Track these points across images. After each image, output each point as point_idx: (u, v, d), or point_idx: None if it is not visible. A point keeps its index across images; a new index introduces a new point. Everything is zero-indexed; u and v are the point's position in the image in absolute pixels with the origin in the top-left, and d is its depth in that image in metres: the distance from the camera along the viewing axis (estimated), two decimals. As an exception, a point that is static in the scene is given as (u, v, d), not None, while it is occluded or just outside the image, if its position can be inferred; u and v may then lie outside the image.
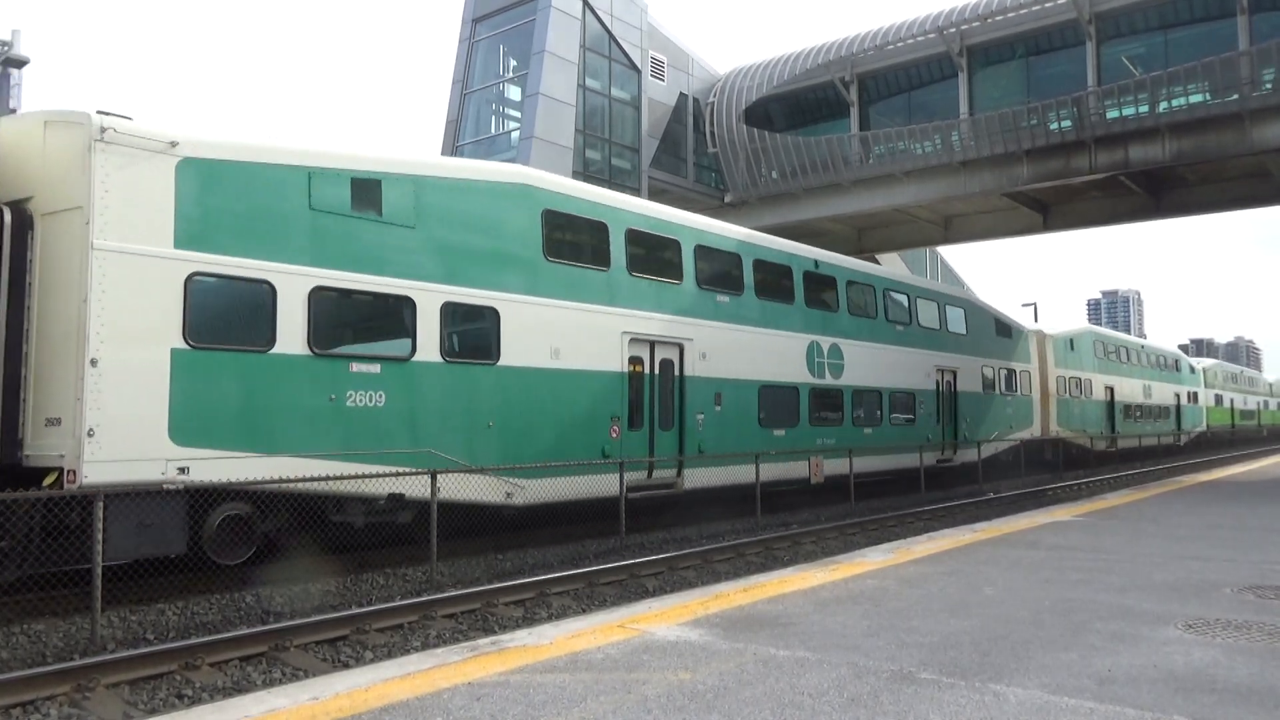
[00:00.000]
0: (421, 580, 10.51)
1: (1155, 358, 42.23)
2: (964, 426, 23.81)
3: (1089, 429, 32.21)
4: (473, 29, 30.05)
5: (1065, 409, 30.46)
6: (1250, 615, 6.26)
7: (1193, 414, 46.92)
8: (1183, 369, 46.22)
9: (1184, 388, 45.76)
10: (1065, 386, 30.80)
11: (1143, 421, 38.40)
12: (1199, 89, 25.11)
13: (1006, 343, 26.79)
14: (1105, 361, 34.83)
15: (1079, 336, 33.02)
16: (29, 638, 7.83)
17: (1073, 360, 31.65)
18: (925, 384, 22.29)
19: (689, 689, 4.58)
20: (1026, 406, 27.77)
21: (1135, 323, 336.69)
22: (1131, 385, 37.50)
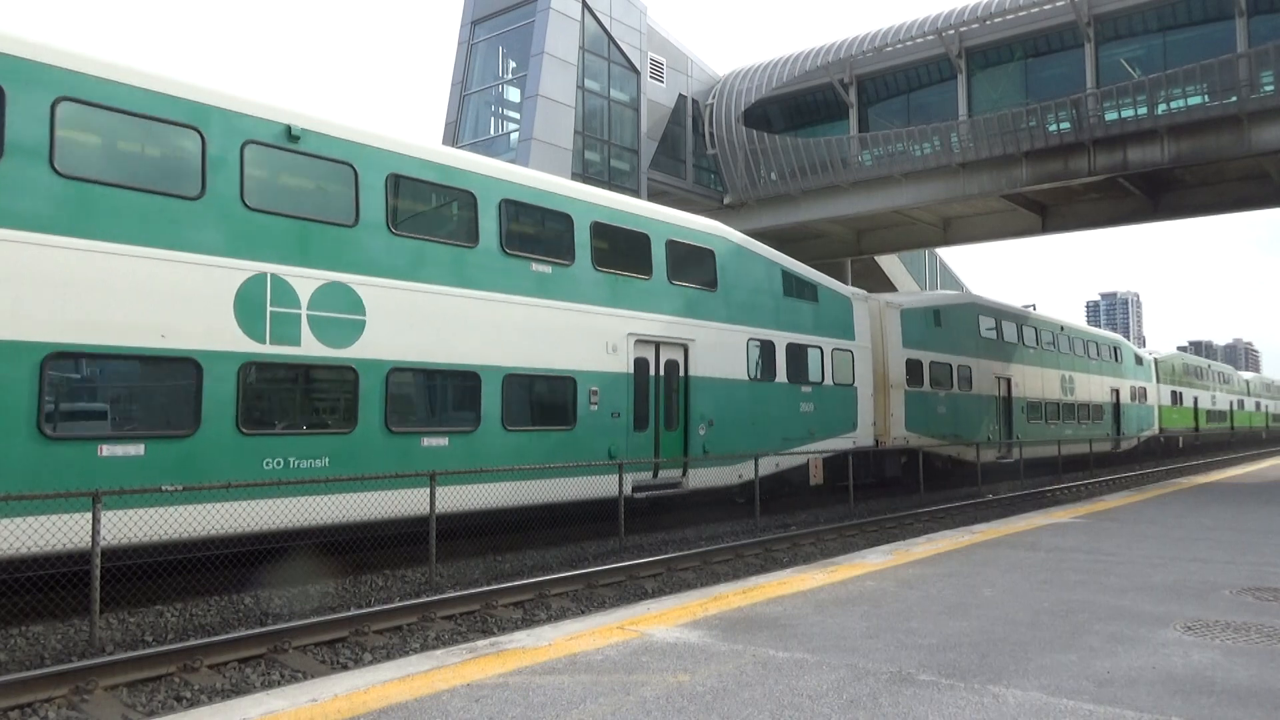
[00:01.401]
0: (420, 582, 10.51)
1: (1082, 343, 33.51)
2: (702, 431, 15.25)
3: (966, 433, 24.28)
4: (472, 31, 30.07)
5: (919, 407, 22.26)
6: (1249, 617, 6.26)
7: (1139, 414, 38.16)
8: (1124, 359, 37.37)
9: (1127, 382, 37.00)
10: (921, 375, 22.66)
11: (1061, 424, 30.39)
12: (1197, 91, 25.14)
13: (807, 309, 18.35)
14: (997, 344, 26.84)
15: (947, 308, 24.62)
16: (27, 640, 7.82)
17: (937, 340, 23.57)
18: (599, 365, 13.58)
19: (688, 691, 4.58)
20: (844, 402, 19.20)
21: (1134, 325, 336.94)
22: (1043, 377, 29.53)
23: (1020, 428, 27.43)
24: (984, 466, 23.87)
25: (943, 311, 24.26)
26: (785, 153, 31.72)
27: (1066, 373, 31.30)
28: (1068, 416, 31.04)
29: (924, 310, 23.47)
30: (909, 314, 22.61)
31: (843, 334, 19.52)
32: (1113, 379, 35.46)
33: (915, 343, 22.59)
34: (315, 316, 10.12)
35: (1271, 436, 67.03)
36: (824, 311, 18.93)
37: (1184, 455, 42.45)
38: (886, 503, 19.87)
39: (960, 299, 26.22)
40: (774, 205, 32.72)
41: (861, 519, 16.33)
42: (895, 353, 21.90)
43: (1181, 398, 45.55)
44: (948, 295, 26.12)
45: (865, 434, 19.86)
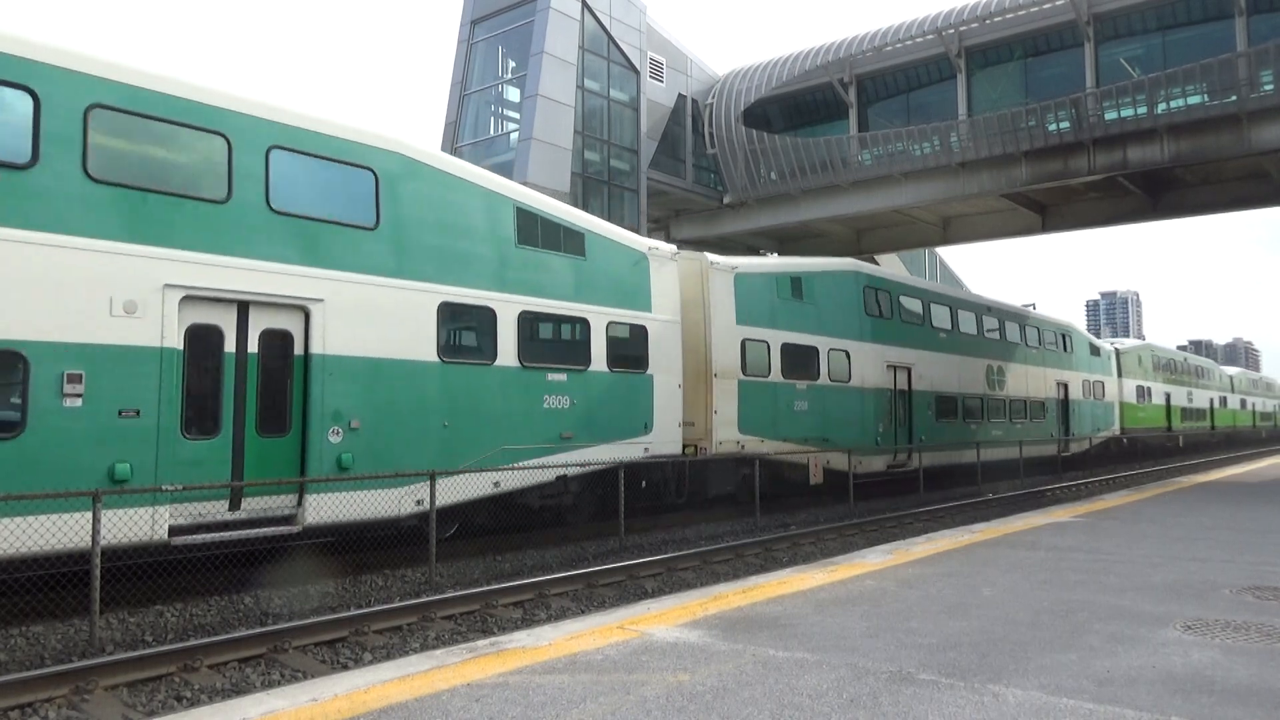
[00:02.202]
0: (420, 581, 10.51)
1: (1018, 328, 28.37)
2: (337, 437, 10.50)
3: (839, 436, 19.01)
4: (471, 30, 30.06)
5: (761, 402, 17.26)
6: (1249, 616, 6.27)
7: (1094, 412, 33.34)
8: (1076, 349, 32.50)
9: (1079, 375, 32.38)
10: (767, 361, 17.52)
11: (986, 424, 25.50)
12: (1197, 90, 25.14)
13: (563, 265, 13.47)
14: (892, 325, 21.87)
15: (814, 275, 19.35)
16: (27, 640, 7.82)
17: (794, 316, 18.42)
18: (84, 333, 8.75)
19: (688, 690, 4.58)
20: (631, 395, 14.41)
21: (1134, 324, 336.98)
22: (960, 367, 24.39)
23: (925, 428, 22.43)
24: (864, 480, 19.42)
25: (807, 280, 18.98)
26: (785, 152, 31.71)
27: (994, 362, 26.13)
28: (995, 415, 26.03)
29: (772, 277, 18.16)
30: (748, 280, 17.31)
31: (629, 302, 14.30)
32: (1059, 371, 30.54)
33: (758, 318, 17.32)
34: None
35: (1260, 437, 62.65)
36: (597, 270, 13.83)
37: (1151, 459, 38.05)
38: (887, 503, 19.86)
39: (837, 265, 20.81)
40: (774, 205, 32.73)
41: (861, 519, 16.33)
42: (725, 331, 16.51)
43: (1150, 394, 40.37)
44: (817, 260, 20.52)
45: (668, 438, 14.89)
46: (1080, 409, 32.06)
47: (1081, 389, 32.41)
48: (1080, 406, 32.08)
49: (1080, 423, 31.96)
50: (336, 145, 10.68)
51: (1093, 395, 33.44)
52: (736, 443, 16.61)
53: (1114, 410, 35.84)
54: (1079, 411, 31.96)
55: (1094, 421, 33.50)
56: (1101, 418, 34.45)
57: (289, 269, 10.09)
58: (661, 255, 15.26)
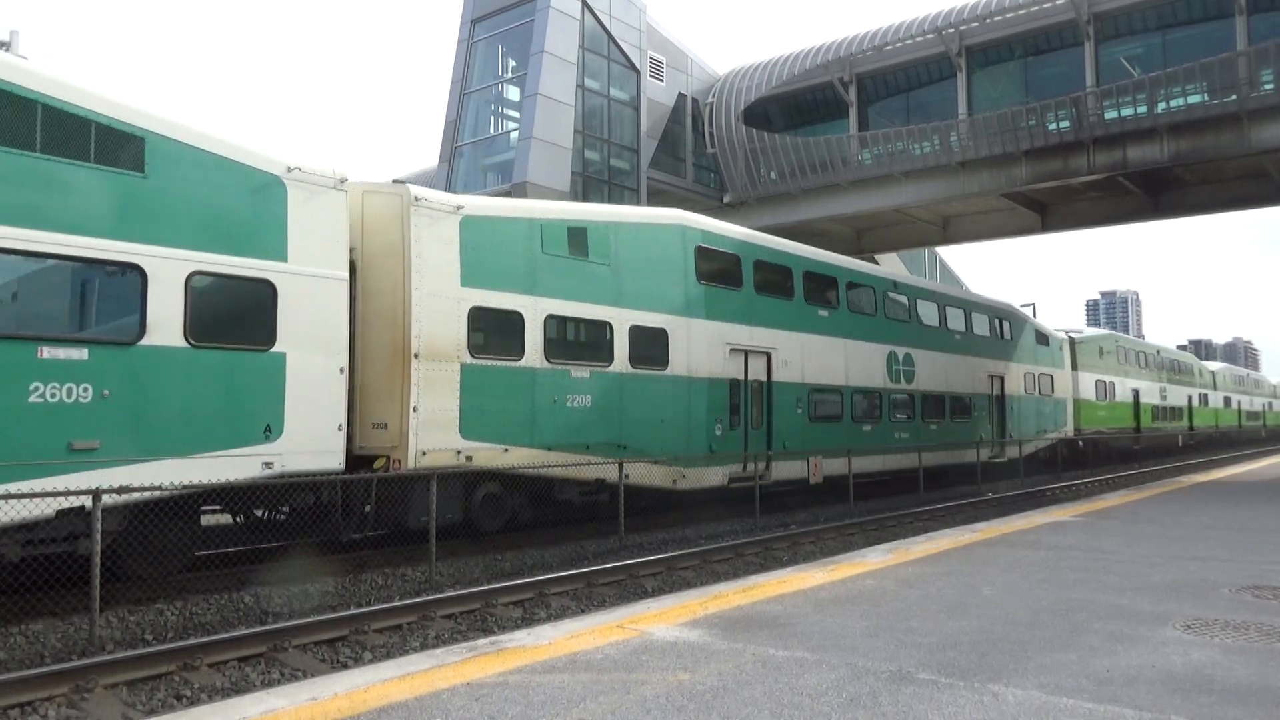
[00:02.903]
0: (420, 580, 10.51)
1: (937, 310, 23.61)
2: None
3: (646, 443, 14.47)
4: (471, 29, 30.06)
5: (502, 396, 12.63)
6: (1248, 615, 6.27)
7: (1040, 411, 28.76)
8: (1018, 337, 27.79)
9: (1020, 368, 27.56)
10: (518, 338, 12.90)
11: (885, 424, 20.85)
12: (1197, 89, 25.15)
13: (105, 186, 8.92)
14: (743, 300, 16.87)
15: (608, 226, 14.49)
16: (27, 638, 7.82)
17: (570, 279, 13.70)
18: None
19: (688, 689, 4.58)
20: (220, 384, 9.72)
21: (1134, 323, 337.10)
22: (846, 354, 19.53)
23: (792, 431, 17.69)
24: (696, 498, 15.58)
25: (597, 232, 14.08)
26: (785, 151, 31.71)
27: (899, 349, 21.35)
28: (900, 413, 21.41)
29: (533, 224, 13.20)
30: (487, 227, 12.56)
31: (239, 244, 9.90)
32: (993, 362, 25.73)
33: (505, 279, 12.66)
34: None
35: (1245, 438, 56.67)
36: (168, 194, 9.39)
37: (1109, 465, 32.79)
38: (887, 502, 19.87)
39: (652, 216, 15.95)
40: (774, 204, 32.73)
41: (861, 518, 16.34)
42: (439, 295, 11.85)
43: (1112, 390, 35.52)
44: (623, 209, 15.89)
45: (315, 446, 10.35)
46: (1020, 407, 27.20)
47: (1023, 383, 27.64)
48: (1020, 404, 27.20)
49: (1020, 423, 27.22)
50: None
51: (1038, 391, 28.65)
52: (456, 452, 11.78)
53: (1066, 408, 30.87)
54: (1018, 410, 27.03)
55: (1039, 422, 28.64)
56: (1050, 417, 29.58)
57: None
58: (312, 181, 10.63)
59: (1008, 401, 26.49)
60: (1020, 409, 27.32)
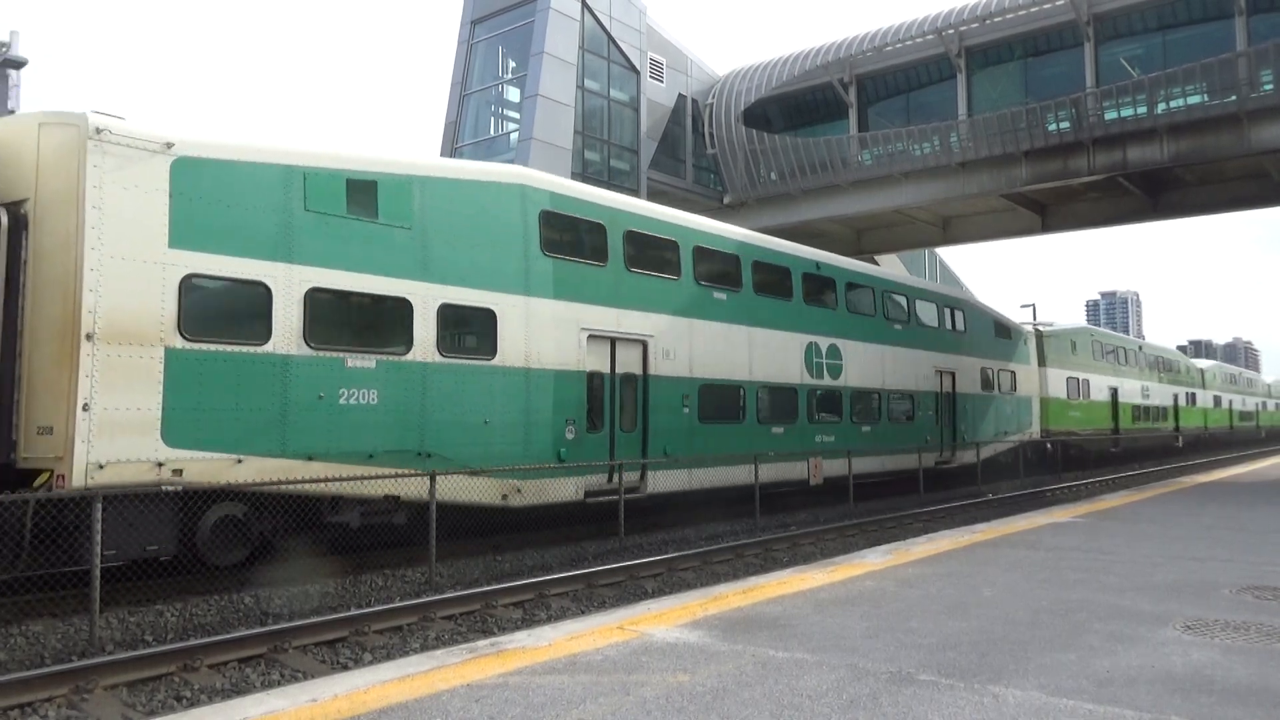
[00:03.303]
0: (420, 581, 10.51)
1: (872, 296, 20.95)
2: None
3: (450, 447, 11.66)
4: (471, 31, 30.07)
5: (215, 388, 9.59)
6: (1249, 616, 6.27)
7: (1000, 410, 25.90)
8: (973, 329, 24.89)
9: (976, 362, 24.70)
10: (241, 317, 10.03)
11: (807, 425, 18.18)
12: (1197, 90, 25.15)
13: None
14: (587, 271, 14.11)
15: (409, 181, 11.70)
16: (27, 639, 7.82)
17: (335, 242, 10.79)
18: None
19: (688, 691, 4.58)
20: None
21: (1134, 324, 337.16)
22: (754, 344, 17.02)
23: (673, 434, 15.03)
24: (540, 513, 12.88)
25: (393, 188, 11.41)
26: (785, 152, 31.72)
27: (821, 339, 18.58)
28: (825, 413, 18.72)
29: (292, 173, 10.42)
30: (215, 173, 9.86)
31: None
32: (944, 356, 22.96)
33: (243, 242, 9.96)
34: None
35: (1237, 440, 53.45)
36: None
37: (1080, 468, 30.02)
38: (887, 503, 19.86)
39: (479, 171, 13.02)
40: (774, 205, 32.73)
41: (861, 519, 16.34)
42: (134, 258, 9.18)
43: (1086, 388, 32.80)
44: (439, 162, 13.20)
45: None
46: (975, 406, 24.22)
47: (980, 380, 24.74)
48: (975, 403, 24.21)
49: (975, 424, 24.25)
50: None
51: (997, 388, 25.78)
52: (157, 465, 9.08)
53: (1031, 408, 28.05)
54: (973, 409, 24.04)
55: (998, 422, 25.64)
56: (1011, 417, 26.66)
57: None
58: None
59: (960, 400, 23.59)
60: (975, 408, 24.36)
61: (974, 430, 24.38)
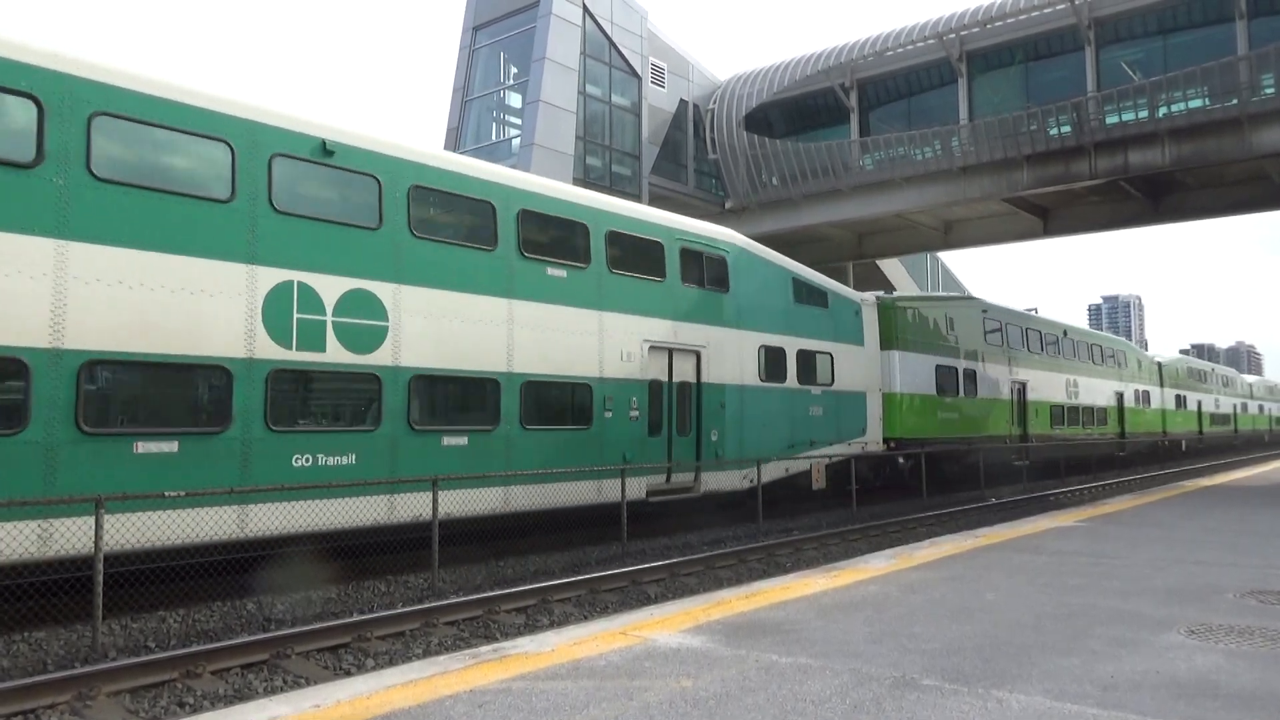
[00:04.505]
0: (423, 587, 10.51)
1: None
2: None
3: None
4: (473, 36, 30.16)
5: None
6: (1253, 620, 6.25)
7: (803, 413, 18.03)
8: (750, 289, 16.91)
9: (757, 340, 16.93)
10: None
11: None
12: (1198, 94, 25.18)
13: None
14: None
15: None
16: (30, 645, 7.83)
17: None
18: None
19: (691, 696, 4.57)
20: None
21: (1136, 327, 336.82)
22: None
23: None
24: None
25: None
26: (786, 157, 31.76)
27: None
28: (306, 417, 10.51)
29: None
30: None
31: None
32: (663, 324, 14.99)
33: None
34: None
35: (1209, 447, 45.54)
36: None
37: (961, 488, 22.25)
38: (890, 507, 19.82)
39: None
40: (775, 209, 32.77)
41: (864, 523, 16.31)
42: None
43: (969, 380, 23.98)
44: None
45: None
46: (749, 405, 16.41)
47: (761, 364, 16.72)
48: (746, 399, 16.38)
49: (743, 430, 16.21)
50: None
51: (795, 377, 17.63)
52: None
53: (866, 406, 19.95)
54: (742, 410, 16.24)
55: (797, 429, 17.56)
56: (824, 422, 18.40)
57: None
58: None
59: (712, 394, 15.52)
60: (748, 409, 16.30)
61: (741, 439, 16.02)
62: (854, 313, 20.30)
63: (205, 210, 9.53)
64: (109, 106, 9.04)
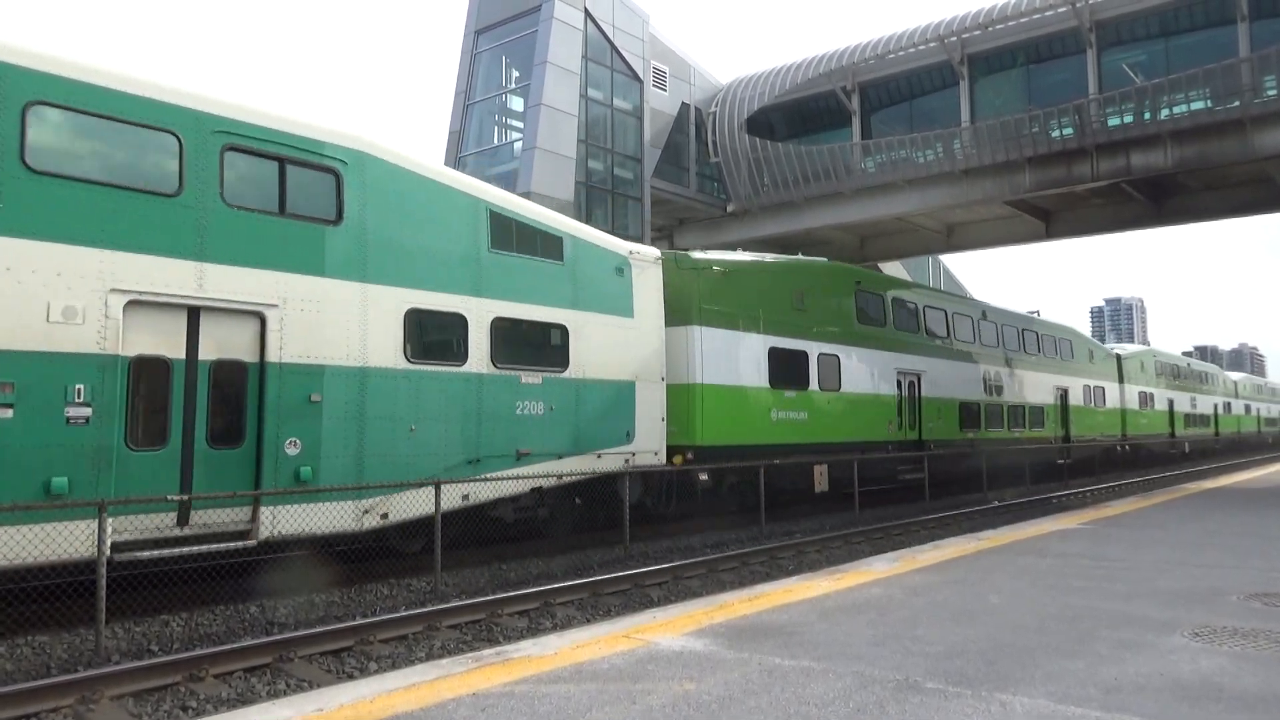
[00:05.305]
0: (426, 590, 10.51)
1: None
2: None
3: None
4: (475, 40, 30.22)
5: None
6: (1257, 622, 6.23)
7: (494, 410, 12.12)
8: (364, 207, 10.78)
9: (407, 298, 11.21)
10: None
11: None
12: (1200, 96, 25.18)
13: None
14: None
15: None
16: (33, 649, 7.83)
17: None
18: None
19: (694, 699, 4.57)
20: None
21: (1139, 330, 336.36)
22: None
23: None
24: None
25: None
26: (788, 160, 31.79)
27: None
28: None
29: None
30: None
31: None
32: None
33: None
34: None
35: (1191, 452, 39.77)
36: None
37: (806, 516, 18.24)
38: (892, 510, 19.81)
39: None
40: (777, 212, 32.79)
41: (867, 526, 16.30)
42: None
43: (809, 369, 18.10)
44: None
45: None
46: (367, 405, 10.75)
47: (489, 340, 12.22)
48: (370, 394, 10.77)
49: (370, 445, 10.69)
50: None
51: (523, 360, 12.83)
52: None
53: (635, 403, 14.40)
54: (361, 411, 10.66)
55: (483, 437, 12.04)
56: (544, 428, 12.94)
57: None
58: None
59: (288, 381, 10.07)
60: (376, 405, 10.81)
61: (362, 453, 10.60)
62: (614, 271, 14.34)
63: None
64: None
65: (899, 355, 21.30)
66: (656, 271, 15.22)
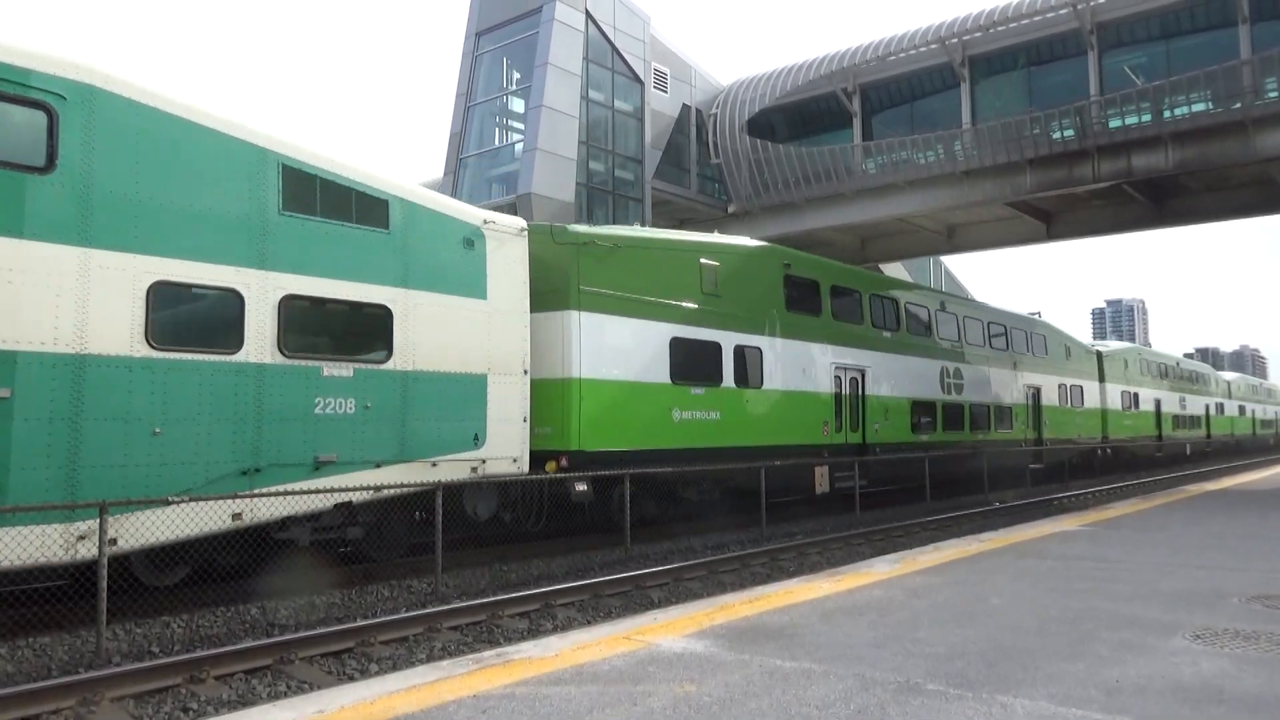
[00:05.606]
0: (426, 592, 10.51)
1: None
2: None
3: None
4: (476, 42, 30.24)
5: None
6: (1259, 625, 6.23)
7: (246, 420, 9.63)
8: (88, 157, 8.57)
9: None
10: None
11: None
12: (1201, 97, 25.18)
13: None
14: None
15: None
16: (34, 651, 7.84)
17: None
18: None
19: (694, 701, 4.56)
20: None
21: (1140, 331, 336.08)
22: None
23: None
24: None
25: None
26: (789, 161, 31.79)
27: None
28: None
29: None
30: None
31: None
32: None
33: None
34: None
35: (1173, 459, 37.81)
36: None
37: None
38: (893, 512, 19.80)
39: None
40: (778, 214, 32.80)
41: (868, 527, 16.29)
42: None
43: (722, 362, 15.99)
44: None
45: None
46: (83, 403, 8.36)
47: (276, 323, 9.92)
48: (132, 393, 8.75)
49: (84, 454, 8.31)
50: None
51: (329, 348, 10.53)
52: None
53: (487, 400, 12.13)
54: (50, 412, 8.15)
55: (263, 442, 9.66)
56: (356, 431, 10.52)
57: None
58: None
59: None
60: (92, 404, 8.46)
61: (75, 463, 8.30)
62: (462, 242, 12.07)
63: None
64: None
65: (838, 348, 19.01)
66: (520, 245, 12.75)
